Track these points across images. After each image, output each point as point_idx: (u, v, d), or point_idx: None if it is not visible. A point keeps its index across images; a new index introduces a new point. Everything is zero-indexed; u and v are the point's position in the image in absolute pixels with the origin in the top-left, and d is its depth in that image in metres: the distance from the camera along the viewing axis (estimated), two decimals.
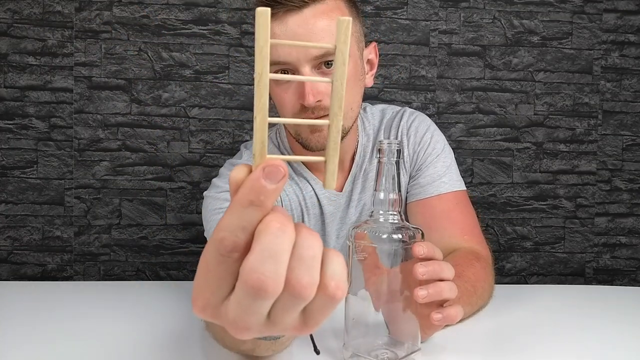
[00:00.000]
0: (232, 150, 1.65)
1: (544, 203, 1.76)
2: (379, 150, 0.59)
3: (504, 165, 1.75)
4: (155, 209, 1.66)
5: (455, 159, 0.99)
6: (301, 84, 0.78)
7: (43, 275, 1.63)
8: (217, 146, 1.66)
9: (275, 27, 0.78)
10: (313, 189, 0.95)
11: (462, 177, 0.98)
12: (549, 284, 1.77)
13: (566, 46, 1.74)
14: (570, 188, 1.77)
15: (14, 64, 1.59)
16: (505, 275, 1.77)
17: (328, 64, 0.79)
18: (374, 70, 0.92)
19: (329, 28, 0.77)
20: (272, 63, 0.78)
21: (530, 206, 1.76)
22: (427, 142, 0.95)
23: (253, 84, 1.79)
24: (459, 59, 1.72)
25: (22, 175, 1.61)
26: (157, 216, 1.66)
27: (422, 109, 1.70)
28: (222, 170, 0.95)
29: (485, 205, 1.74)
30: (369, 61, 0.91)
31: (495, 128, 1.74)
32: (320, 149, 0.86)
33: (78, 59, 1.61)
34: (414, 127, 0.96)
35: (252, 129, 1.66)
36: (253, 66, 1.65)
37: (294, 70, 0.79)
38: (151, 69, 1.63)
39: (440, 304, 0.60)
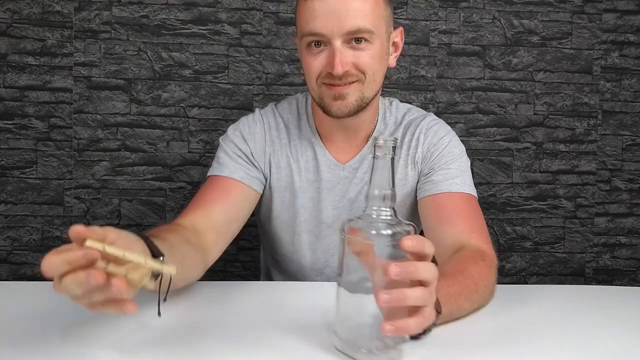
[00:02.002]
0: None
1: (544, 203, 1.76)
2: (375, 146, 0.59)
3: (504, 165, 1.75)
4: (155, 209, 1.65)
5: None
6: (332, 54, 0.86)
7: (43, 276, 1.63)
8: (217, 146, 1.66)
9: (315, 2, 0.85)
10: (315, 153, 1.00)
11: None
12: (549, 284, 1.77)
13: (566, 46, 1.74)
14: (570, 188, 1.77)
15: (14, 64, 1.59)
16: (505, 275, 1.77)
17: (358, 40, 0.86)
18: (398, 52, 0.98)
19: (363, 8, 0.85)
20: (309, 34, 0.87)
21: (530, 206, 1.76)
22: (444, 144, 0.99)
23: (253, 84, 1.78)
24: (458, 59, 1.71)
25: (21, 176, 1.61)
26: (157, 216, 1.65)
27: (422, 109, 1.69)
28: (232, 127, 1.09)
29: (485, 205, 1.74)
30: (395, 43, 0.97)
31: (495, 128, 1.74)
32: (341, 117, 0.92)
33: (77, 59, 1.61)
34: (434, 129, 1.01)
35: None
36: (253, 66, 1.65)
37: (327, 42, 0.86)
38: (151, 69, 1.63)
39: (415, 308, 0.56)
